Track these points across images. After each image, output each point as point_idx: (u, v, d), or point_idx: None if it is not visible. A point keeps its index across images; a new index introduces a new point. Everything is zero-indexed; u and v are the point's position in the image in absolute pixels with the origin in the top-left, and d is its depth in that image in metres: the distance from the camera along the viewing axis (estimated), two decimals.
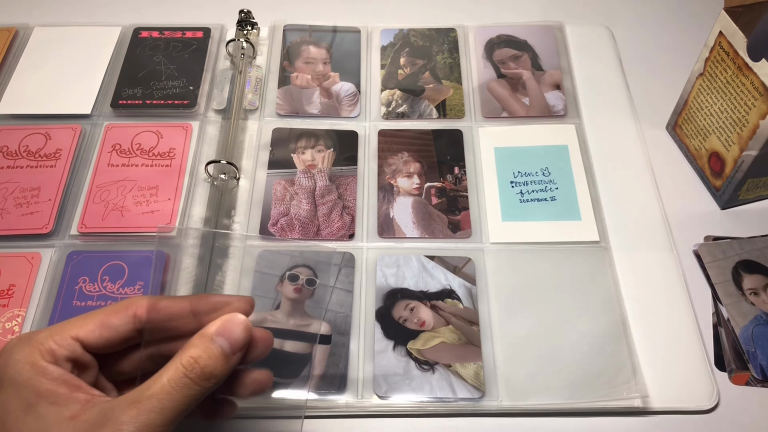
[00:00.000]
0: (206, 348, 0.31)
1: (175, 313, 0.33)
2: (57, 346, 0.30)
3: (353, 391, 0.46)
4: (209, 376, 0.30)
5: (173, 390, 0.29)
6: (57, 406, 0.28)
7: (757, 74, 0.48)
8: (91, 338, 0.32)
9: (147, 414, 0.28)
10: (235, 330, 0.32)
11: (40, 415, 0.28)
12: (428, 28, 0.67)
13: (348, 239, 0.53)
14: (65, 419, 0.28)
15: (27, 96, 0.61)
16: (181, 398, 0.29)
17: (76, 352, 0.31)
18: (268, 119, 0.60)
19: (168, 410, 0.29)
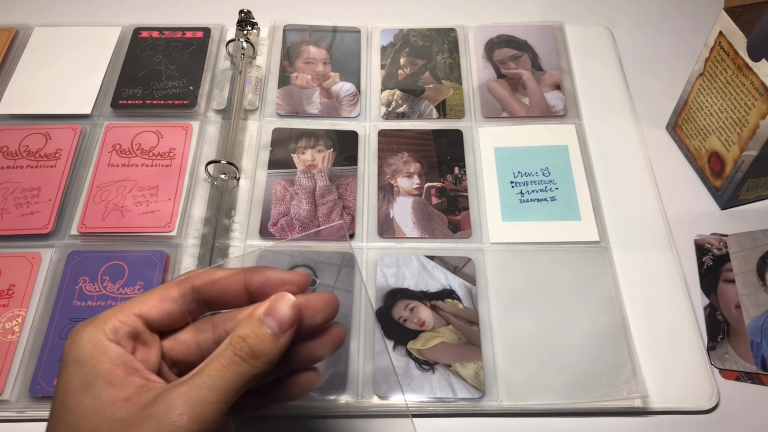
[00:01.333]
0: (254, 328, 0.31)
1: (229, 285, 0.33)
2: (119, 323, 0.31)
3: (353, 391, 0.46)
4: (258, 355, 0.30)
5: (223, 368, 0.29)
6: (113, 387, 0.29)
7: (757, 74, 0.48)
8: (152, 312, 0.32)
9: (197, 391, 0.28)
10: (282, 309, 0.31)
11: (97, 394, 0.29)
12: (428, 28, 0.67)
13: (348, 239, 0.53)
14: (119, 400, 0.28)
15: (27, 96, 0.61)
16: (231, 376, 0.29)
17: (138, 328, 0.31)
18: (268, 119, 0.60)
19: (218, 387, 0.29)
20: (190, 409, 0.28)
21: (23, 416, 0.45)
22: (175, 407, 0.28)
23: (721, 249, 0.53)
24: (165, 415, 0.27)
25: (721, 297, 0.50)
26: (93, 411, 0.28)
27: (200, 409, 0.28)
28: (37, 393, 0.45)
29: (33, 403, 0.45)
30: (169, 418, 0.27)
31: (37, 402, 0.45)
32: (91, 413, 0.28)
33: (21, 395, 0.46)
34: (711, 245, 0.53)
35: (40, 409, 0.45)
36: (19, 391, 0.46)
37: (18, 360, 0.47)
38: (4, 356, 0.47)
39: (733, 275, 0.51)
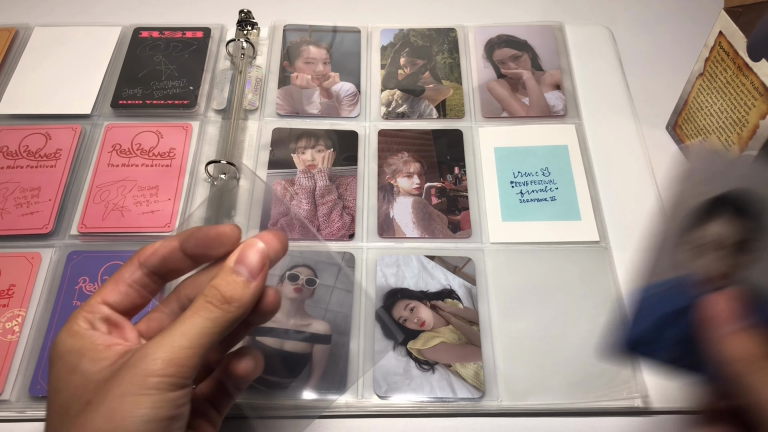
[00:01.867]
0: (226, 276, 0.32)
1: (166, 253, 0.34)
2: (88, 314, 0.33)
3: (353, 391, 0.46)
4: (230, 300, 0.31)
5: (195, 314, 0.31)
6: (98, 361, 0.30)
7: (757, 74, 0.48)
8: (112, 296, 0.34)
9: (170, 337, 0.30)
10: (251, 255, 0.33)
11: (83, 370, 0.30)
12: (428, 28, 0.67)
13: (348, 239, 0.53)
14: (104, 368, 0.30)
15: (27, 96, 0.61)
16: (203, 321, 0.30)
17: (105, 312, 0.33)
18: (268, 119, 0.60)
19: (191, 333, 0.30)
20: (163, 354, 0.29)
21: (23, 416, 0.45)
22: (149, 354, 0.29)
23: None
24: (140, 362, 0.29)
25: None
26: (81, 383, 0.30)
27: (174, 353, 0.29)
28: (37, 393, 0.45)
29: (33, 403, 0.45)
30: (144, 364, 0.29)
31: (37, 402, 0.45)
32: (80, 385, 0.30)
33: (21, 395, 0.46)
34: None
35: (40, 409, 0.45)
36: (19, 391, 0.46)
37: (18, 360, 0.47)
38: (4, 356, 0.47)
39: None
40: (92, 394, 0.29)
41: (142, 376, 0.28)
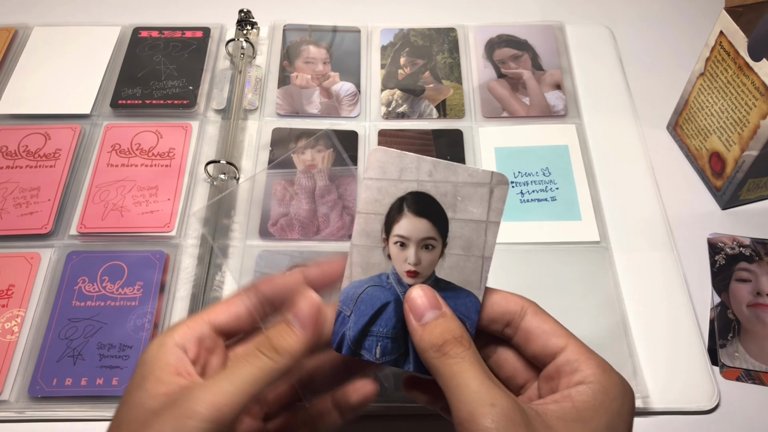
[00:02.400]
0: (278, 326, 0.32)
1: (287, 282, 0.35)
2: (188, 329, 0.33)
3: None
4: (279, 349, 0.31)
5: (244, 360, 0.31)
6: (160, 383, 0.31)
7: (758, 74, 0.48)
8: (220, 317, 0.34)
9: (219, 382, 0.30)
10: (301, 305, 0.32)
11: (145, 389, 0.31)
12: (428, 27, 0.67)
13: (348, 239, 0.53)
14: (161, 394, 0.30)
15: (26, 96, 0.61)
16: (251, 368, 0.31)
17: (204, 333, 0.33)
18: (268, 119, 0.60)
19: (238, 379, 0.30)
20: (208, 398, 0.29)
21: (22, 416, 0.45)
22: (194, 395, 0.29)
23: (734, 248, 0.53)
24: (185, 402, 0.29)
25: (733, 296, 0.50)
26: (138, 403, 0.30)
27: (217, 398, 0.29)
28: (37, 393, 0.45)
29: (32, 404, 0.45)
30: (187, 405, 0.29)
31: (37, 402, 0.45)
32: (137, 405, 0.30)
33: (20, 395, 0.46)
34: (724, 244, 0.53)
35: (39, 410, 0.45)
36: (19, 392, 0.46)
37: (17, 360, 0.47)
38: (4, 356, 0.47)
39: (745, 275, 0.51)
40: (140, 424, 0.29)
41: (182, 417, 0.29)
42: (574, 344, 0.32)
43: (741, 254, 0.52)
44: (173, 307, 0.50)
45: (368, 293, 0.34)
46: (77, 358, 0.47)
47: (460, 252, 0.33)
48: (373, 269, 0.34)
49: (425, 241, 0.33)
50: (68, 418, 0.45)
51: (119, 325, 0.48)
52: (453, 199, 0.33)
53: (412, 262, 0.33)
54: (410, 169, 0.33)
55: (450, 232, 0.33)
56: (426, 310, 0.32)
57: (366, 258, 0.34)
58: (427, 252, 0.33)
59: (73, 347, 0.47)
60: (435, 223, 0.33)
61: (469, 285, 0.33)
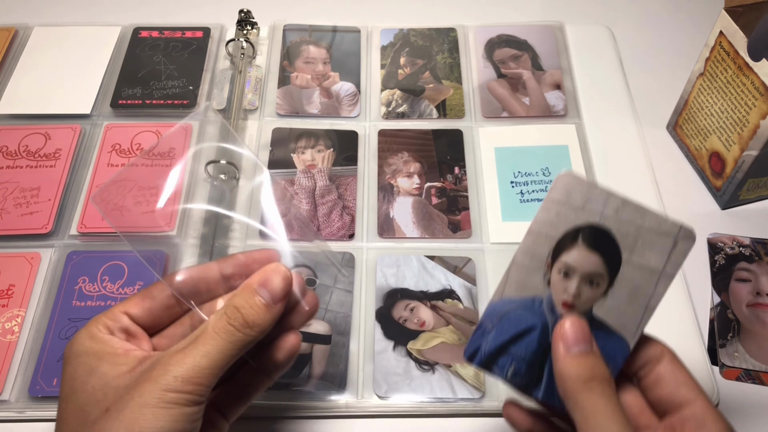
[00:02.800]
0: (248, 298, 0.32)
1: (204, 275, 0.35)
2: (109, 321, 0.33)
3: (353, 391, 0.46)
4: (252, 325, 0.32)
5: (217, 335, 0.31)
6: (117, 365, 0.31)
7: (758, 74, 0.48)
8: (136, 309, 0.34)
9: (192, 357, 0.30)
10: (275, 280, 0.33)
11: (102, 373, 0.31)
12: (428, 27, 0.67)
13: (348, 239, 0.53)
14: (123, 373, 0.31)
15: (27, 96, 0.61)
16: (225, 344, 0.31)
17: (125, 323, 0.34)
18: (268, 119, 0.60)
19: (213, 355, 0.31)
20: (184, 372, 0.30)
21: (23, 416, 0.45)
22: (170, 371, 0.30)
23: (734, 248, 0.53)
24: (161, 377, 0.30)
25: (733, 295, 0.50)
26: (100, 386, 0.31)
27: (194, 373, 0.30)
28: (37, 393, 0.45)
29: (32, 403, 0.45)
30: (164, 379, 0.30)
31: (37, 402, 0.45)
32: (99, 388, 0.30)
33: (20, 395, 0.46)
34: (724, 244, 0.53)
35: (39, 409, 0.45)
36: (19, 391, 0.46)
37: (17, 360, 0.47)
38: (4, 356, 0.47)
39: (745, 274, 0.51)
40: (111, 401, 0.30)
41: (162, 390, 0.29)
42: (704, 400, 0.32)
43: (741, 254, 0.53)
44: None
45: (516, 313, 0.33)
46: None
47: (624, 296, 0.32)
48: (528, 290, 0.33)
49: (591, 276, 0.32)
50: None
51: None
52: (633, 241, 0.32)
53: (572, 294, 0.32)
54: (596, 200, 0.32)
55: (620, 273, 0.32)
56: (576, 342, 0.31)
57: (524, 278, 0.33)
58: (589, 288, 0.32)
59: None
60: (607, 261, 0.32)
61: (624, 330, 0.32)
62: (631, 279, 0.32)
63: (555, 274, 0.33)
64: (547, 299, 0.33)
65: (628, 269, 0.32)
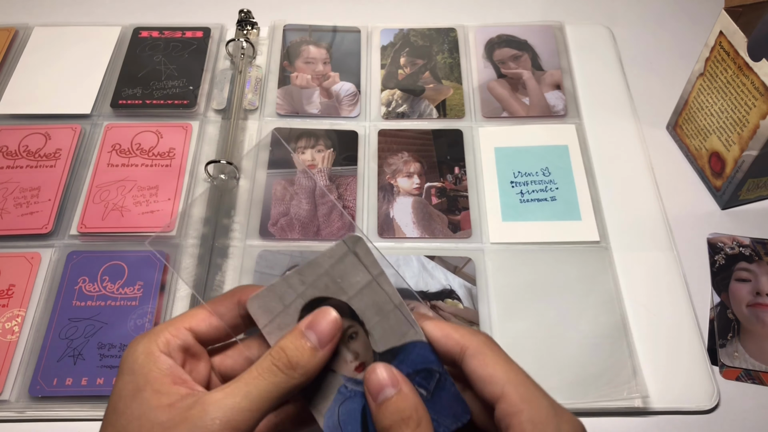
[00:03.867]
0: (294, 340, 0.31)
1: None
2: (171, 336, 0.32)
3: None
4: (295, 366, 0.31)
5: (260, 376, 0.30)
6: (160, 394, 0.30)
7: (758, 74, 0.48)
8: (201, 327, 0.33)
9: (232, 398, 0.29)
10: (323, 323, 0.32)
11: (144, 399, 0.30)
12: (428, 28, 0.67)
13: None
14: (164, 406, 0.30)
15: (27, 96, 0.61)
16: (266, 385, 0.30)
17: (188, 341, 0.33)
18: (268, 119, 0.60)
19: (253, 395, 0.29)
20: (222, 415, 0.29)
21: (23, 416, 0.45)
22: (209, 412, 0.29)
23: (734, 248, 0.53)
24: (199, 419, 0.28)
25: (733, 295, 0.50)
26: (139, 414, 0.29)
27: (233, 415, 0.29)
28: (37, 393, 0.45)
29: (32, 404, 0.45)
30: (202, 422, 0.28)
31: (37, 402, 0.45)
32: (137, 416, 0.29)
33: (21, 395, 0.46)
34: (724, 244, 0.53)
35: (39, 410, 0.45)
36: (19, 391, 0.46)
37: (18, 360, 0.47)
38: (4, 356, 0.47)
39: (745, 274, 0.51)
40: None
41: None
42: (509, 393, 0.29)
43: (741, 254, 0.53)
44: (173, 307, 0.50)
45: (343, 413, 0.32)
46: (77, 357, 0.47)
47: (377, 318, 0.33)
48: (329, 392, 0.33)
49: (346, 334, 0.33)
50: (68, 417, 0.45)
51: (119, 325, 0.48)
52: (335, 284, 0.33)
53: (351, 359, 0.33)
54: (286, 293, 0.33)
55: (356, 311, 0.33)
56: (379, 389, 0.30)
57: (317, 383, 0.33)
58: (356, 341, 0.33)
59: (73, 347, 0.47)
60: (341, 316, 0.32)
61: (406, 336, 0.32)
62: (366, 304, 0.33)
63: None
64: (345, 380, 0.33)
65: (356, 302, 0.33)
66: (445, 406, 0.32)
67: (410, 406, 0.30)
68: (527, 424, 0.28)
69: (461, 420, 0.32)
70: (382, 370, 0.31)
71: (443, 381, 0.32)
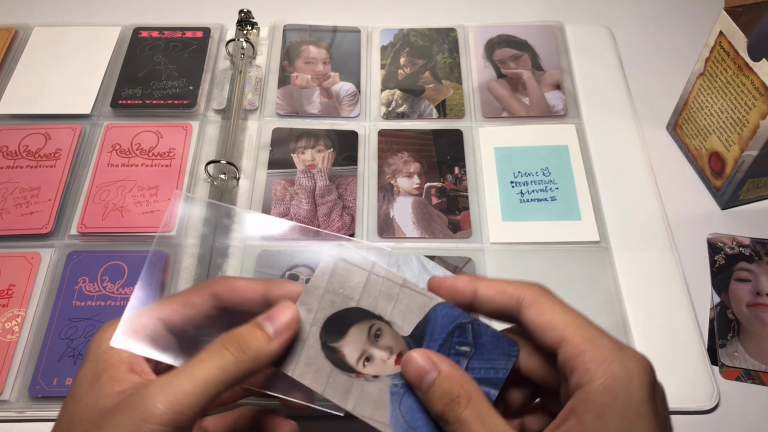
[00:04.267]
0: (250, 327, 0.31)
1: (249, 294, 0.33)
2: (141, 325, 0.31)
3: None
4: (246, 349, 0.29)
5: (207, 359, 0.29)
6: (114, 382, 0.29)
7: (758, 74, 0.48)
8: (174, 317, 0.32)
9: (176, 381, 0.28)
10: (281, 315, 0.31)
11: (99, 386, 0.29)
12: (428, 27, 0.67)
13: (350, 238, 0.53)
14: (114, 393, 0.29)
15: (27, 96, 0.61)
16: (213, 368, 0.29)
17: (157, 331, 0.32)
18: (268, 119, 0.60)
19: (198, 378, 0.28)
20: (165, 398, 0.27)
21: (23, 416, 0.45)
22: (152, 396, 0.27)
23: (734, 248, 0.53)
24: (141, 403, 0.27)
25: (733, 295, 0.50)
26: (92, 402, 0.29)
27: (176, 399, 0.27)
28: (37, 393, 0.45)
29: (32, 404, 0.45)
30: (144, 406, 0.27)
31: (37, 402, 0.45)
32: (90, 404, 0.29)
33: (20, 395, 0.46)
34: (724, 244, 0.53)
35: (39, 409, 0.45)
36: (19, 391, 0.46)
37: (18, 360, 0.47)
38: (4, 356, 0.47)
39: (745, 274, 0.51)
40: (93, 424, 0.28)
41: (139, 420, 0.27)
42: (570, 336, 0.28)
43: (741, 254, 0.53)
44: None
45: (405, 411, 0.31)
46: (77, 357, 0.47)
47: (390, 305, 0.32)
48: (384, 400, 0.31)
49: (370, 334, 0.32)
50: None
51: None
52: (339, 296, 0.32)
53: (387, 356, 0.32)
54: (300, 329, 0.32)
55: (370, 309, 0.32)
56: (420, 376, 0.30)
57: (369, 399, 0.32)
58: (383, 337, 0.32)
59: (73, 347, 0.47)
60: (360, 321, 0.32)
61: (425, 307, 0.32)
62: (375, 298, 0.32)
63: (365, 369, 0.32)
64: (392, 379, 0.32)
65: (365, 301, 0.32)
66: (492, 350, 0.32)
67: (456, 384, 0.29)
68: (591, 364, 0.27)
69: (513, 354, 0.31)
70: (416, 357, 0.30)
71: (478, 328, 0.32)
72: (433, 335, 0.32)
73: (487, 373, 0.31)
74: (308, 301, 0.32)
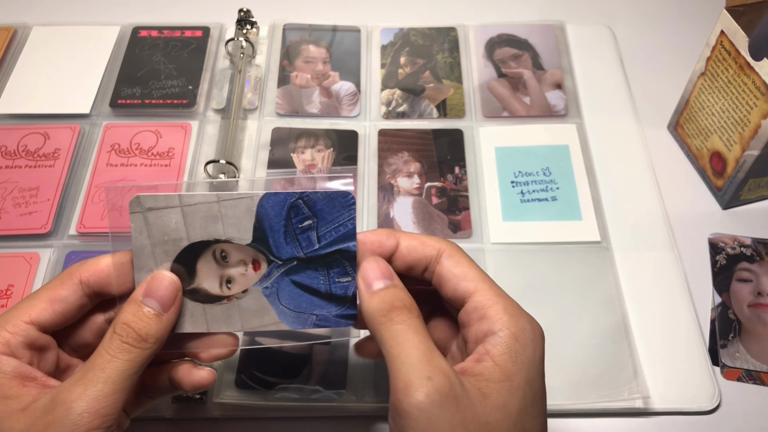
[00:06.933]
0: (136, 311, 0.31)
1: (106, 270, 0.33)
2: (11, 335, 0.30)
3: (353, 391, 0.45)
4: (146, 338, 0.30)
5: (114, 358, 0.29)
6: (9, 400, 0.29)
7: (759, 74, 0.48)
8: (44, 317, 0.31)
9: (94, 386, 0.28)
10: (161, 287, 0.31)
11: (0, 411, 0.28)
12: (428, 27, 0.67)
13: None
14: (16, 411, 0.28)
15: (26, 95, 0.61)
16: (123, 364, 0.29)
17: (31, 336, 0.31)
18: (267, 119, 0.60)
19: (113, 378, 0.29)
20: (89, 406, 0.28)
21: None
22: (74, 408, 0.27)
23: (735, 248, 0.53)
24: (66, 418, 0.27)
25: (734, 296, 0.50)
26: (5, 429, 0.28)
27: (99, 404, 0.28)
28: None
29: None
30: (70, 420, 0.27)
31: None
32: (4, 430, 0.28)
33: None
34: (725, 244, 0.53)
35: None
36: None
37: None
38: None
39: (746, 275, 0.51)
40: None
41: None
42: (484, 288, 0.32)
43: (742, 254, 0.52)
44: None
45: (286, 302, 0.33)
46: None
47: (218, 224, 0.32)
48: (264, 306, 0.33)
49: (216, 258, 0.33)
50: None
51: None
52: (167, 244, 0.32)
53: (244, 269, 0.33)
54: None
55: (202, 239, 0.32)
56: (376, 279, 0.32)
57: (251, 312, 0.33)
58: (229, 256, 0.33)
59: None
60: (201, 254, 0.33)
61: (251, 209, 0.32)
62: (200, 225, 0.32)
63: (226, 289, 0.33)
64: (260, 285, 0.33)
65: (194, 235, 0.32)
66: (331, 210, 0.33)
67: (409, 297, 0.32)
68: (504, 314, 0.31)
69: (350, 202, 0.33)
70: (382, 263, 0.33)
71: (309, 199, 0.33)
72: (272, 228, 0.32)
73: (337, 231, 0.33)
74: (144, 263, 0.32)
